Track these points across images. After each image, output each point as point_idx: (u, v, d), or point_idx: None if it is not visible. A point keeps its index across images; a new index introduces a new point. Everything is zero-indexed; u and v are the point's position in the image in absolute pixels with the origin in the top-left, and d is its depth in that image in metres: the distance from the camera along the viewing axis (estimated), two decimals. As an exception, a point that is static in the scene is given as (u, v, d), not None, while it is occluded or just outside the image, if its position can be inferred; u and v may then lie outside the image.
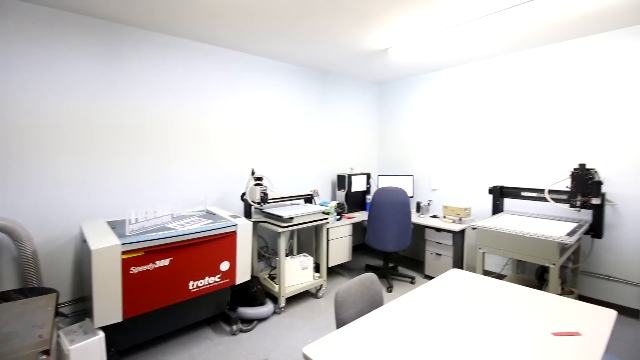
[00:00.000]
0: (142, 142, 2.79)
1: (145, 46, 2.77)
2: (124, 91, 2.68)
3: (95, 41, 2.53)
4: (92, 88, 2.53)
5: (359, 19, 2.56)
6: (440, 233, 3.53)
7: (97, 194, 2.60)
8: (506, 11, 2.39)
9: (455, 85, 3.97)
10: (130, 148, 2.74)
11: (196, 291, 2.36)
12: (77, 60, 2.46)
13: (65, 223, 2.46)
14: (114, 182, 2.67)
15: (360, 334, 1.25)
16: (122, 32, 2.65)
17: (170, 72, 2.91)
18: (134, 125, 2.75)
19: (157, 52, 2.83)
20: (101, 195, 2.61)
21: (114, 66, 2.62)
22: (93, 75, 2.53)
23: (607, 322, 1.31)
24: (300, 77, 3.94)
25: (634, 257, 2.77)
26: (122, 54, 2.65)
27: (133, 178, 2.76)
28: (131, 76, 2.70)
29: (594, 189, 2.55)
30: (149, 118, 2.82)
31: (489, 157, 3.69)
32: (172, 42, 2.91)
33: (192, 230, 2.28)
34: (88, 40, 2.50)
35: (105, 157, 2.62)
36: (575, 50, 3.02)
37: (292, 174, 3.94)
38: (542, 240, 2.30)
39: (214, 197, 3.26)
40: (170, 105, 2.93)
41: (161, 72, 2.86)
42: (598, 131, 2.92)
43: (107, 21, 2.57)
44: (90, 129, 2.54)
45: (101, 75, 2.57)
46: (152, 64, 2.81)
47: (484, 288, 1.68)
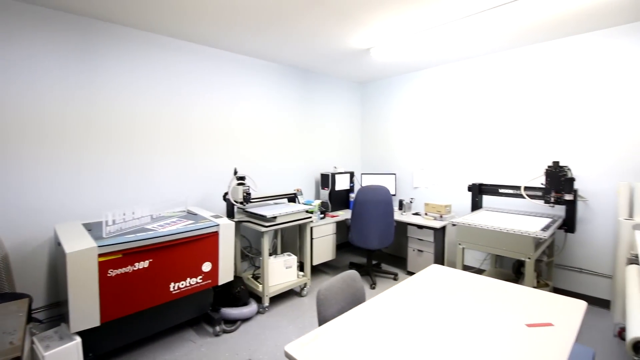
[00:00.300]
0: (119, 141, 2.71)
1: (122, 42, 2.69)
2: (99, 88, 2.59)
3: (68, 37, 2.44)
4: (64, 85, 2.44)
5: (341, 18, 2.57)
6: (422, 230, 3.60)
7: (73, 195, 2.51)
8: (486, 12, 2.44)
9: (436, 85, 4.05)
10: (107, 147, 2.65)
11: (177, 293, 2.32)
12: (49, 56, 2.37)
13: (38, 226, 2.37)
14: (90, 183, 2.58)
15: (342, 331, 1.27)
16: (96, 28, 2.56)
17: (148, 70, 2.84)
18: (111, 124, 2.66)
19: (134, 49, 2.75)
20: (77, 196, 2.53)
21: (89, 63, 2.54)
22: (66, 72, 2.44)
23: (577, 313, 1.37)
24: (283, 76, 3.92)
25: (604, 250, 2.90)
26: (97, 50, 2.57)
27: (110, 178, 2.68)
28: (106, 73, 2.62)
29: (567, 185, 2.66)
30: (126, 116, 2.74)
31: (468, 156, 3.78)
32: (150, 38, 2.84)
33: (173, 231, 2.24)
34: (60, 36, 2.41)
35: (80, 156, 2.53)
36: (550, 53, 3.13)
37: (275, 173, 3.92)
38: (518, 236, 2.38)
39: (195, 198, 3.20)
40: (148, 103, 2.86)
41: (138, 69, 2.79)
42: (571, 130, 3.04)
43: (80, 17, 2.48)
44: (63, 127, 2.45)
45: (74, 72, 2.48)
46: (129, 60, 2.73)
47: (462, 283, 1.73)
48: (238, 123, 3.51)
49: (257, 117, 3.68)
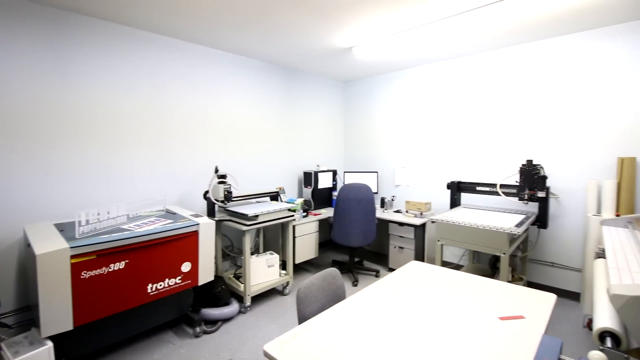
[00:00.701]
0: (94, 138, 2.62)
1: (99, 37, 2.59)
2: (72, 82, 2.49)
3: (39, 29, 2.33)
4: (37, 79, 2.33)
5: (323, 16, 2.57)
6: (403, 227, 3.66)
7: (44, 194, 2.40)
8: (464, 15, 2.50)
9: (417, 85, 4.11)
10: (82, 144, 2.56)
11: (155, 294, 2.27)
12: (22, 50, 2.25)
13: (7, 226, 2.26)
14: (62, 181, 2.48)
15: (321, 328, 1.27)
16: (69, 20, 2.46)
17: (123, 63, 2.74)
18: (85, 120, 2.57)
19: (109, 42, 2.66)
20: (48, 195, 2.42)
21: (64, 57, 2.43)
22: (39, 66, 2.33)
23: (547, 305, 1.43)
24: (266, 74, 3.88)
25: (574, 245, 3.04)
26: (69, 43, 2.46)
27: (84, 177, 2.58)
28: (79, 66, 2.52)
29: (540, 183, 2.76)
30: (102, 112, 2.65)
31: (447, 154, 3.87)
32: (130, 33, 2.75)
33: (150, 231, 2.18)
34: (31, 28, 2.30)
35: (52, 153, 2.43)
36: (525, 55, 3.24)
37: (257, 172, 3.89)
38: (493, 232, 2.46)
39: (174, 196, 3.14)
40: (126, 98, 2.77)
41: (113, 63, 2.69)
42: (544, 130, 3.16)
43: (52, 8, 2.38)
44: (34, 122, 2.34)
45: (48, 66, 2.37)
46: (106, 55, 2.64)
47: (439, 278, 1.77)
48: (220, 120, 3.46)
49: (239, 115, 3.63)
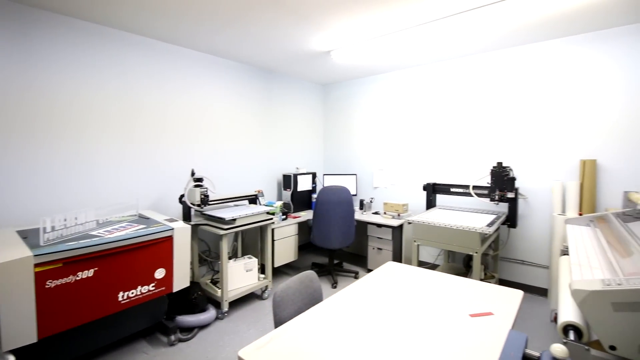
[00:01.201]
0: (60, 138, 2.49)
1: (62, 32, 2.47)
2: (36, 79, 2.36)
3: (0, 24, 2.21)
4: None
5: (301, 19, 2.58)
6: (381, 228, 3.71)
7: (6, 199, 2.27)
8: (438, 22, 2.57)
9: (395, 89, 4.20)
10: (46, 145, 2.43)
11: (127, 302, 2.19)
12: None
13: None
14: (26, 185, 2.35)
15: (298, 331, 1.27)
16: (33, 16, 2.34)
17: (93, 62, 2.63)
18: (49, 118, 2.44)
19: (76, 40, 2.55)
20: (11, 199, 2.29)
21: (25, 52, 2.31)
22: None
23: (515, 302, 1.49)
24: (244, 75, 3.85)
25: (542, 243, 3.18)
26: (33, 39, 2.35)
27: (50, 180, 2.46)
28: (44, 63, 2.40)
29: (509, 184, 2.88)
30: (67, 110, 2.52)
31: (424, 157, 3.96)
32: (96, 30, 2.65)
33: (121, 237, 2.10)
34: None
35: (13, 155, 2.29)
36: (495, 62, 3.38)
37: (235, 175, 3.83)
38: (466, 232, 2.54)
39: (148, 200, 3.04)
40: (94, 97, 2.65)
41: (81, 60, 2.57)
42: (513, 133, 3.30)
43: (14, 3, 2.26)
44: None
45: (8, 62, 2.25)
46: (70, 51, 2.52)
47: (414, 278, 1.81)
48: (197, 123, 3.39)
49: (216, 117, 3.58)
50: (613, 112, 2.80)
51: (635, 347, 1.07)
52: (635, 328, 1.06)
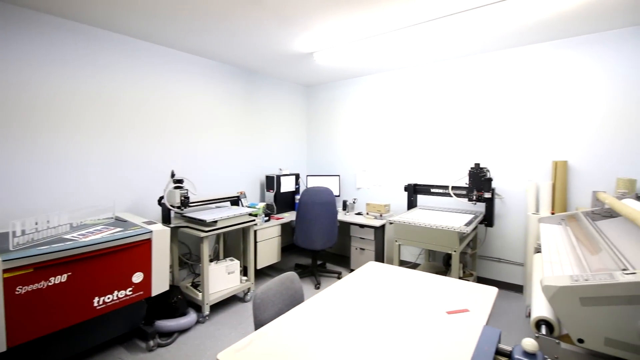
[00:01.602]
0: (31, 136, 2.38)
1: (34, 27, 2.38)
2: (2, 74, 2.27)
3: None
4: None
5: (283, 20, 2.57)
6: (364, 229, 3.74)
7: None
8: (422, 25, 2.61)
9: (377, 92, 4.25)
10: (16, 142, 2.32)
11: (103, 308, 2.12)
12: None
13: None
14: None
15: (278, 333, 1.26)
16: (3, 11, 2.24)
17: (66, 59, 2.54)
18: (18, 116, 2.33)
19: (48, 36, 2.44)
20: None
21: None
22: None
23: (489, 298, 1.53)
24: (226, 76, 3.80)
25: (517, 241, 3.29)
26: (5, 34, 2.24)
27: (20, 181, 2.35)
28: (14, 59, 2.29)
29: (486, 185, 2.97)
30: (38, 108, 2.42)
31: (405, 158, 4.03)
32: (70, 26, 2.56)
33: (96, 241, 2.04)
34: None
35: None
36: (473, 67, 3.48)
37: (217, 176, 3.78)
38: (445, 231, 2.60)
39: (126, 203, 2.96)
40: (66, 95, 2.55)
41: (53, 58, 2.47)
42: (490, 135, 3.41)
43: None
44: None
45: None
46: (42, 48, 2.42)
47: (394, 278, 1.83)
48: (176, 123, 3.32)
49: (197, 117, 3.52)
50: (583, 116, 2.93)
51: (602, 340, 1.12)
52: (601, 321, 1.11)
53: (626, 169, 2.77)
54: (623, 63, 2.75)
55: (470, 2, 2.28)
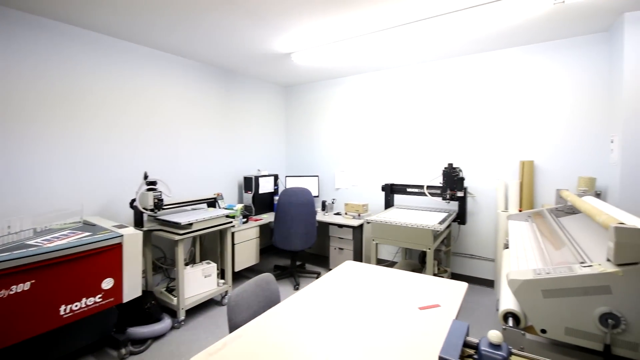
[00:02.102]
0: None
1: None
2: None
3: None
4: None
5: (259, 20, 2.56)
6: (342, 229, 3.77)
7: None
8: (398, 28, 2.67)
9: (355, 93, 4.30)
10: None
11: (70, 316, 2.02)
12: None
13: None
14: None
15: (252, 335, 1.26)
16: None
17: (30, 53, 2.41)
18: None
19: (12, 30, 2.32)
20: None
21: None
22: None
23: (459, 293, 1.59)
24: (202, 75, 3.73)
25: (488, 238, 3.42)
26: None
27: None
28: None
29: (459, 184, 3.06)
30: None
31: (383, 158, 4.10)
32: (35, 21, 2.43)
33: (62, 246, 1.95)
34: None
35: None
36: (446, 70, 3.58)
37: (193, 177, 3.70)
38: (419, 229, 2.66)
39: (95, 206, 2.84)
40: (30, 91, 2.43)
41: (15, 50, 2.34)
42: (462, 136, 3.52)
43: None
44: None
45: None
46: (4, 41, 2.30)
47: (370, 276, 1.86)
48: (150, 123, 3.22)
49: (172, 116, 3.43)
50: (549, 118, 3.09)
51: (562, 329, 1.18)
52: (561, 312, 1.16)
53: (587, 168, 2.94)
54: (587, 67, 2.91)
55: (443, 8, 2.35)
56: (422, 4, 2.30)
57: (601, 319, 1.03)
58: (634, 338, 0.99)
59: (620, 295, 1.00)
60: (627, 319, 0.98)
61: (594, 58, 2.88)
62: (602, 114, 2.87)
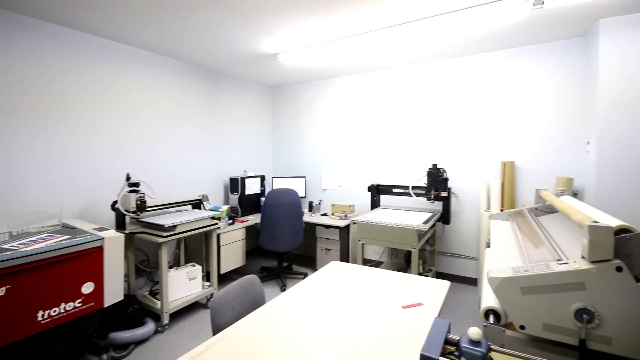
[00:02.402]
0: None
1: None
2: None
3: None
4: None
5: (245, 20, 2.54)
6: (329, 229, 3.78)
7: None
8: (384, 30, 2.69)
9: (342, 94, 4.32)
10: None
11: (48, 322, 1.96)
12: None
13: None
14: None
15: (236, 337, 1.24)
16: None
17: (7, 51, 2.33)
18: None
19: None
20: None
21: None
22: None
23: (442, 291, 1.61)
24: (187, 74, 3.68)
25: (471, 237, 3.49)
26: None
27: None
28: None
29: (443, 184, 3.12)
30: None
31: (369, 159, 4.13)
32: (9, 17, 2.35)
33: (39, 250, 1.88)
34: None
35: None
36: (433, 71, 3.64)
37: (178, 179, 3.64)
38: (404, 229, 2.70)
39: (75, 208, 2.76)
40: (6, 89, 2.34)
41: None
42: (446, 137, 3.59)
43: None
44: None
45: None
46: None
47: (355, 276, 1.88)
48: (133, 123, 3.15)
49: (156, 117, 3.36)
50: (529, 120, 3.18)
51: (540, 325, 1.21)
52: (539, 308, 1.19)
53: (565, 168, 3.04)
54: (566, 71, 3.01)
55: (426, 11, 2.39)
56: (406, 8, 2.34)
57: (576, 315, 1.06)
58: (607, 332, 1.02)
59: (594, 291, 1.03)
60: (600, 314, 1.01)
61: (572, 62, 2.98)
62: (579, 116, 2.97)
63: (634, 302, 0.98)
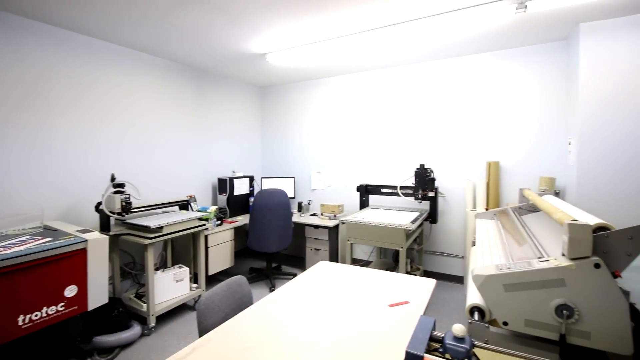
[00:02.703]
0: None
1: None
2: None
3: None
4: None
5: (233, 20, 2.52)
6: (318, 229, 3.78)
7: None
8: (373, 31, 2.71)
9: (331, 95, 4.33)
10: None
11: (30, 326, 1.91)
12: None
13: None
14: None
15: (222, 339, 1.24)
16: None
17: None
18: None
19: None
20: None
21: None
22: None
23: (428, 290, 1.64)
24: (175, 74, 3.63)
25: (458, 236, 3.55)
26: None
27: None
28: None
29: (430, 184, 3.16)
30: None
31: (358, 159, 4.15)
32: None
33: (19, 253, 1.83)
34: None
35: None
36: (420, 72, 3.68)
37: (165, 179, 3.59)
38: (392, 229, 2.72)
39: (58, 210, 2.69)
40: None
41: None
42: (433, 138, 3.63)
43: None
44: None
45: None
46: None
47: (343, 275, 1.88)
48: (118, 122, 3.09)
49: (142, 116, 3.31)
50: (513, 121, 3.25)
51: (522, 321, 1.24)
52: (521, 305, 1.22)
53: (547, 168, 3.12)
54: (549, 73, 3.08)
55: (414, 14, 2.42)
56: (394, 10, 2.36)
57: (557, 310, 1.09)
58: (586, 327, 1.05)
59: (573, 287, 1.06)
60: (579, 309, 1.04)
61: (555, 64, 3.06)
62: (562, 118, 3.05)
63: (612, 298, 1.01)
